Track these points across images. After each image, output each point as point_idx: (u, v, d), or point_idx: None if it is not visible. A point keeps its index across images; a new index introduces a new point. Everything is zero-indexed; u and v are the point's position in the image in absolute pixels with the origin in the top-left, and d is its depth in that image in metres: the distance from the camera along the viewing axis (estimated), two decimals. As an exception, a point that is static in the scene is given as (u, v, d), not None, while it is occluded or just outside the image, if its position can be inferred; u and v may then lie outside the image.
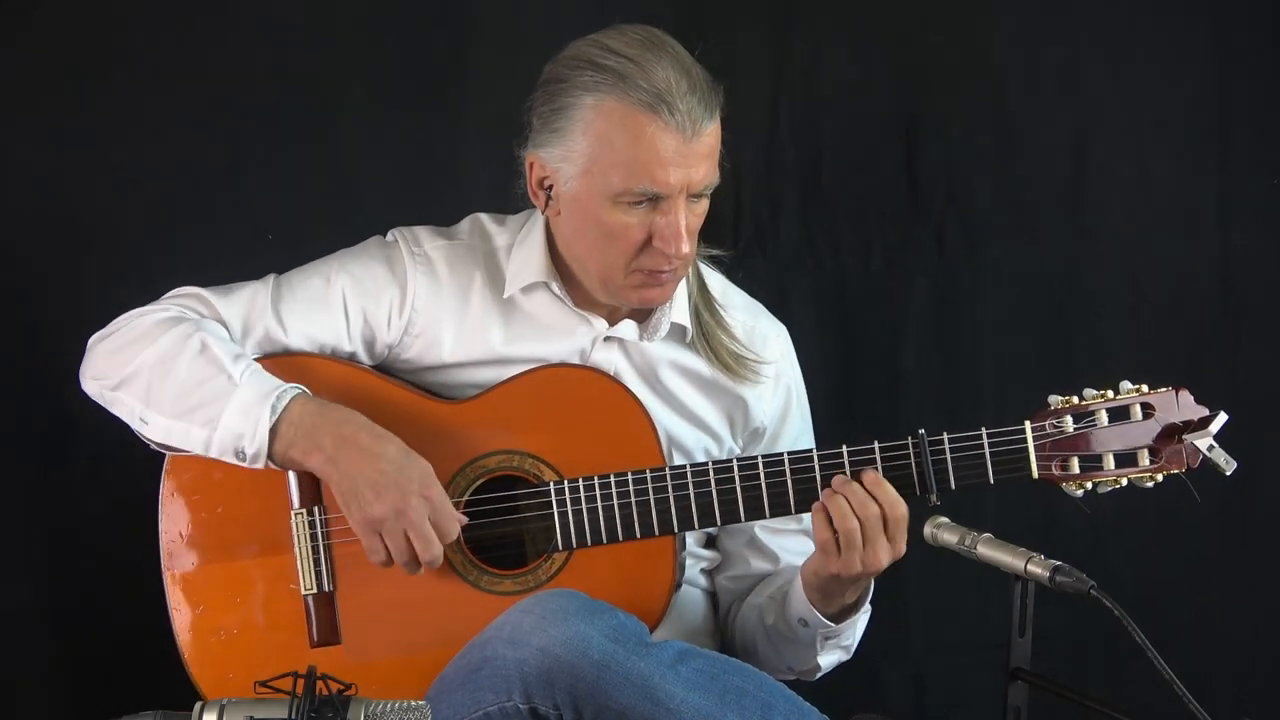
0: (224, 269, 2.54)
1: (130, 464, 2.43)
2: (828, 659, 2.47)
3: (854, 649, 2.50)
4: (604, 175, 2.31)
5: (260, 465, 2.32)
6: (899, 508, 2.28)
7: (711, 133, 2.32)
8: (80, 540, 3.02)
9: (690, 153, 2.29)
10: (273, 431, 2.30)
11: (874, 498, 2.28)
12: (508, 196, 2.46)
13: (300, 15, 3.08)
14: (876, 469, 2.30)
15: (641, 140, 2.28)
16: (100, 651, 3.01)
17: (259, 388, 2.32)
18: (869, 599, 2.42)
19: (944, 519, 2.23)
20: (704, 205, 2.37)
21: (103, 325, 2.46)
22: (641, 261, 2.35)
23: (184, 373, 2.34)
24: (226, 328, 2.42)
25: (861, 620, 2.46)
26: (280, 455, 2.32)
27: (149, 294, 2.52)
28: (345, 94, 3.10)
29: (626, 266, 2.36)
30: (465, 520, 2.35)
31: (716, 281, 2.55)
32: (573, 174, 2.34)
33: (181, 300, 2.44)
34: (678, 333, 2.49)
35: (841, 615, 2.40)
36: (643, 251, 2.34)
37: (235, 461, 2.33)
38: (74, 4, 3.01)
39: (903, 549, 2.29)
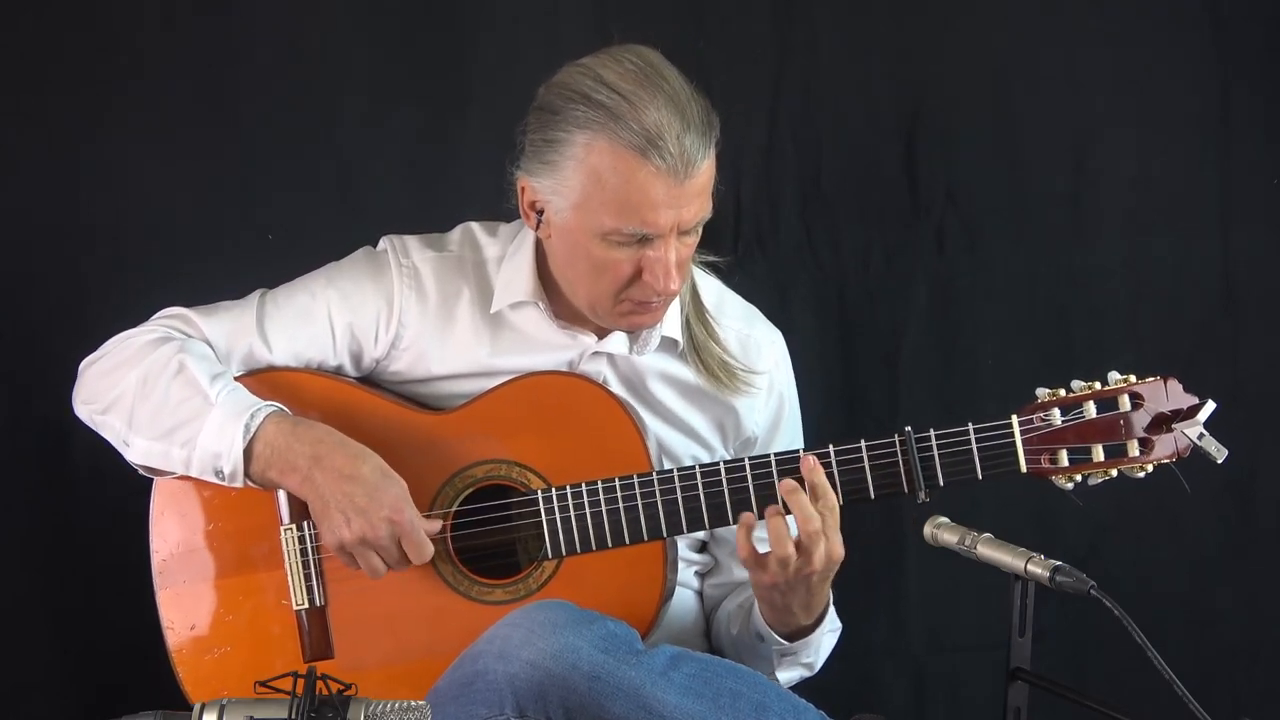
0: (224, 269, 2.54)
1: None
2: (786, 675, 2.44)
3: (818, 667, 2.47)
4: (594, 213, 2.29)
5: (239, 484, 2.32)
6: (813, 522, 2.22)
7: (704, 171, 2.28)
8: (80, 540, 3.02)
9: (682, 194, 2.27)
10: (248, 451, 2.30)
11: (790, 509, 2.23)
12: (506, 199, 2.46)
13: (301, 17, 3.07)
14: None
15: (632, 183, 2.25)
16: (100, 651, 3.00)
17: (234, 406, 2.31)
18: (826, 620, 2.38)
19: (944, 519, 2.22)
20: (695, 236, 2.35)
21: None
22: (630, 293, 2.34)
23: (162, 394, 2.33)
24: (211, 347, 2.41)
25: (825, 641, 2.43)
26: (258, 475, 2.32)
27: (148, 294, 2.52)
28: (346, 95, 3.10)
29: (615, 297, 2.35)
30: (437, 527, 2.33)
31: (711, 289, 2.53)
32: (563, 206, 2.31)
33: (167, 321, 2.44)
34: (668, 345, 2.47)
35: (796, 635, 2.37)
36: (631, 284, 2.33)
37: (216, 481, 2.33)
38: (75, 5, 3.01)
39: (838, 550, 2.24)
